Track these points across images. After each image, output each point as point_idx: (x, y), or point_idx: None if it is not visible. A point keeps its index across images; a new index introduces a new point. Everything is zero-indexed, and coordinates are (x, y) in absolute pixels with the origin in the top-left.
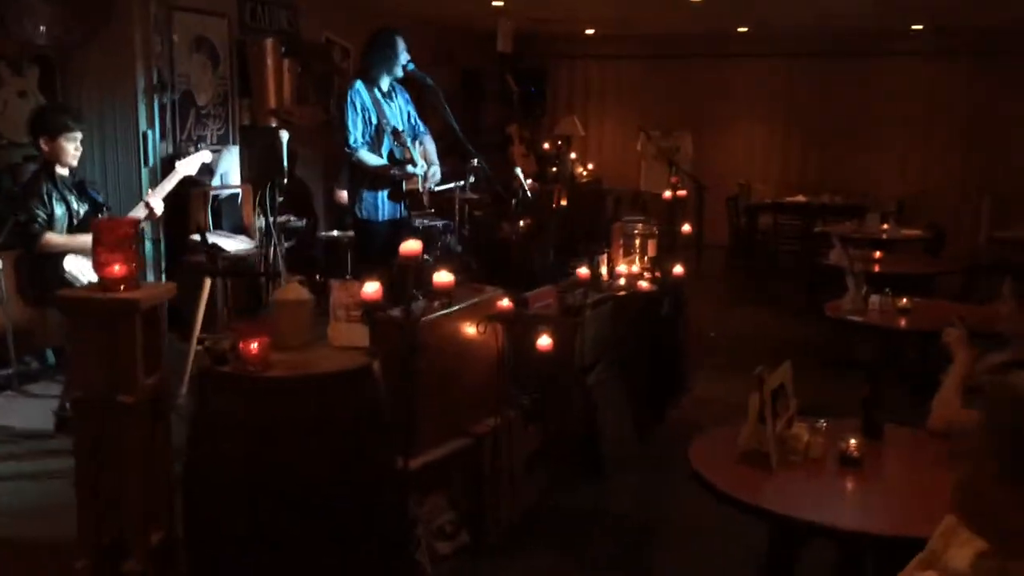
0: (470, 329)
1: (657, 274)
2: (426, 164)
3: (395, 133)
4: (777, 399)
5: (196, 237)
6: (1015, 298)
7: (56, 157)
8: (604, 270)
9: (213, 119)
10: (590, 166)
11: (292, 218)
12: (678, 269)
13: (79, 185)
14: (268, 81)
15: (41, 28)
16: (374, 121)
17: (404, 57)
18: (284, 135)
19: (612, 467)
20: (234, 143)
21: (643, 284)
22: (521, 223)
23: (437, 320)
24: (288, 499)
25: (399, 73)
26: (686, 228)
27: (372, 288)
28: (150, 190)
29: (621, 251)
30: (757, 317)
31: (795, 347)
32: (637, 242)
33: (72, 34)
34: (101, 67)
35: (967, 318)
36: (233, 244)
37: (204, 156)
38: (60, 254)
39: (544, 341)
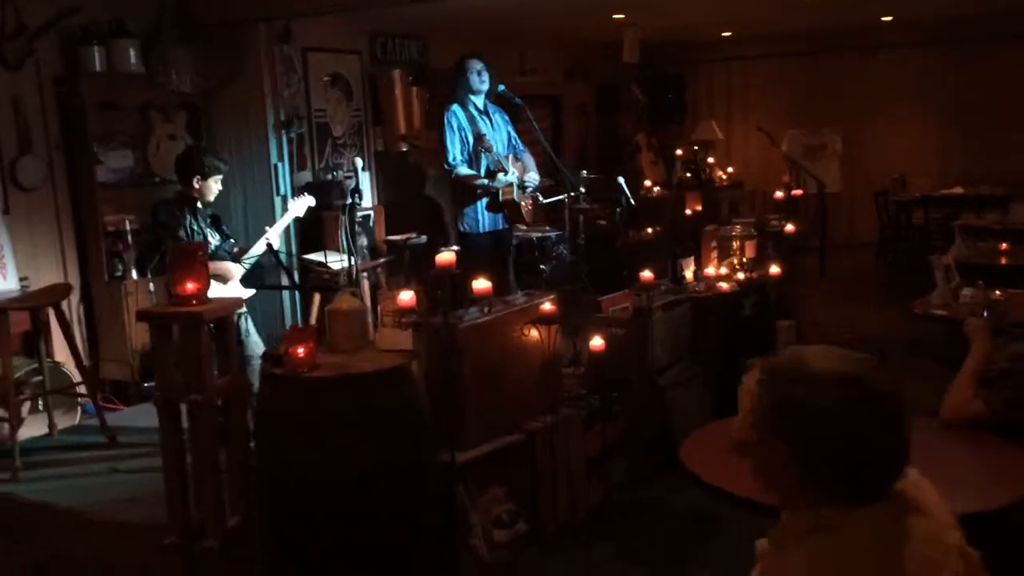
0: (516, 332)
1: (743, 275)
2: (520, 177)
3: (478, 138)
4: None
5: (310, 256)
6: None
7: (203, 195)
8: (689, 273)
9: (349, 148)
10: (730, 169)
11: (414, 235)
12: (774, 269)
13: (214, 218)
14: (397, 109)
15: (183, 76)
16: (471, 140)
17: (479, 79)
18: (358, 161)
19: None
20: (366, 169)
21: (723, 285)
22: (648, 230)
23: (479, 325)
24: (336, 486)
25: (481, 91)
26: (789, 228)
27: (407, 296)
28: (268, 228)
29: (715, 253)
30: (887, 316)
31: (914, 345)
32: (734, 244)
33: (210, 80)
34: (237, 108)
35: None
36: (340, 261)
37: (310, 201)
38: None
39: (596, 342)
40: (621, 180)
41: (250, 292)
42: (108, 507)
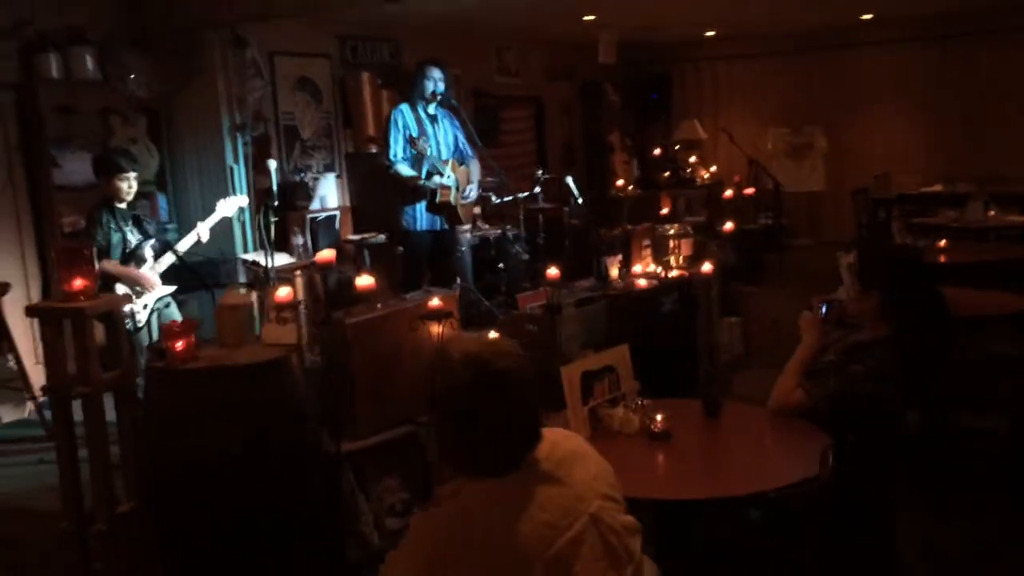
0: (408, 328)
1: (665, 274)
2: (462, 183)
3: (411, 140)
4: (597, 380)
5: (245, 256)
6: (853, 276)
7: (116, 195)
8: (615, 271)
9: (318, 150)
10: (713, 168)
11: (372, 235)
12: (706, 267)
13: (135, 218)
14: (366, 111)
15: (140, 81)
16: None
17: (434, 86)
18: (272, 163)
19: None
20: (335, 170)
21: (640, 283)
22: (618, 230)
23: (366, 321)
24: (215, 474)
25: (434, 100)
26: (728, 226)
27: (284, 292)
28: (199, 223)
29: (648, 252)
30: None
31: None
32: (671, 243)
33: (167, 85)
34: (194, 112)
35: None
36: (278, 260)
37: (242, 201)
38: (112, 281)
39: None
40: (569, 180)
41: (170, 288)
42: (27, 495)
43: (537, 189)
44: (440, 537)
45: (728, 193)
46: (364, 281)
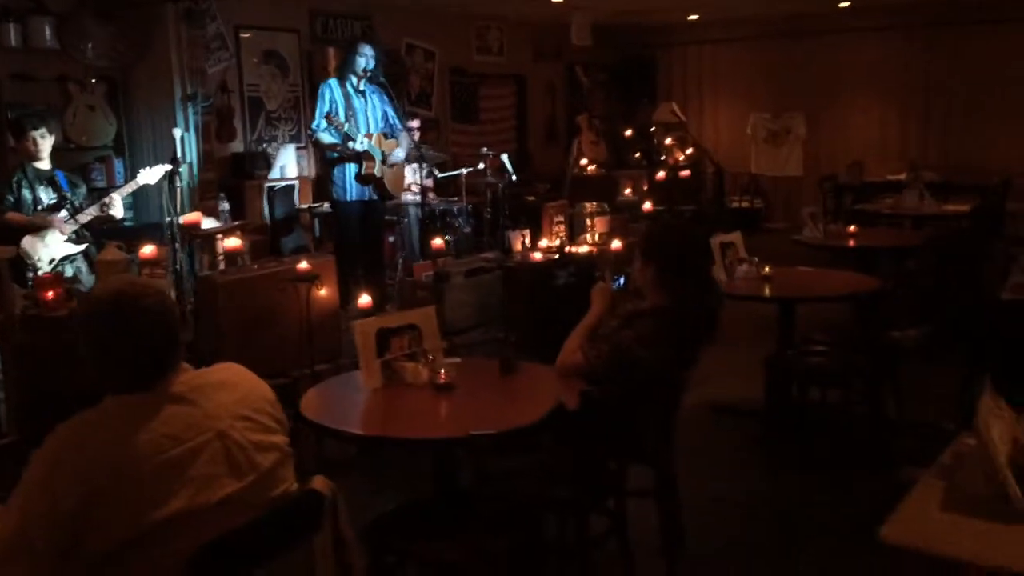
0: (277, 289)
1: (567, 249)
2: (388, 153)
3: (327, 117)
4: (396, 336)
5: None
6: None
7: (29, 154)
8: (519, 244)
9: (284, 121)
10: (689, 151)
11: (319, 204)
12: (616, 244)
13: (50, 179)
14: None
15: (98, 51)
16: (341, 112)
17: (364, 62)
18: (177, 132)
19: None
20: (301, 141)
21: (536, 256)
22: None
23: (236, 280)
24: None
25: (364, 75)
26: (647, 206)
27: (148, 249)
28: (112, 193)
29: (562, 227)
30: None
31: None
32: (587, 221)
33: (123, 55)
34: (149, 82)
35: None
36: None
37: (165, 167)
38: (19, 231)
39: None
40: (504, 157)
41: (78, 248)
42: None
43: (481, 165)
44: (69, 432)
45: (660, 175)
46: (232, 243)
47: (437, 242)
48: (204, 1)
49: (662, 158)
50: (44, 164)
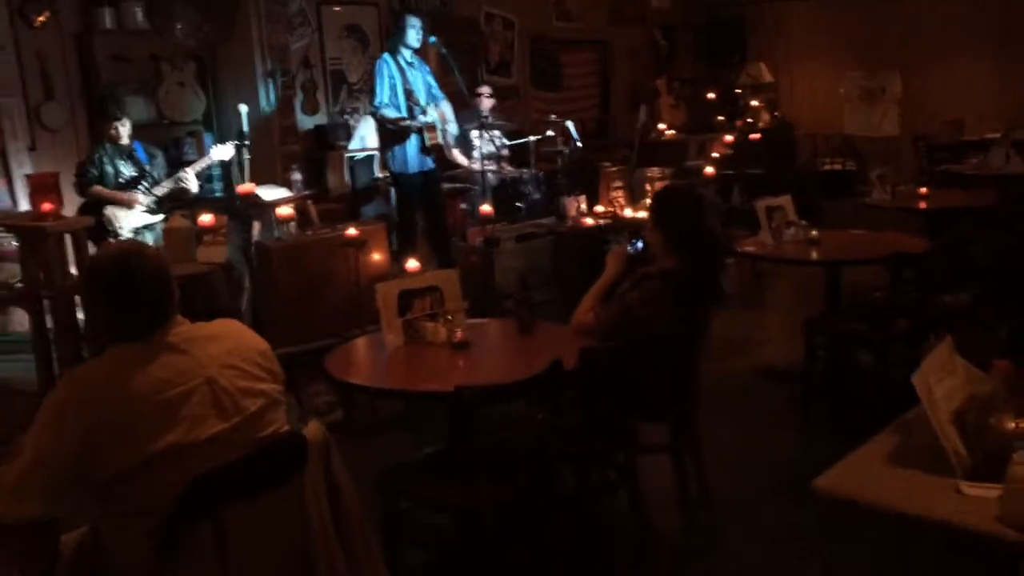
0: (331, 254)
1: (621, 214)
2: (442, 123)
3: (407, 92)
4: (418, 297)
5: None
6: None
7: (108, 136)
8: (574, 210)
9: (365, 93)
10: (776, 113)
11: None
12: None
13: (129, 153)
14: None
15: (186, 31)
16: (398, 87)
17: (416, 35)
18: (243, 108)
19: None
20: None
21: (587, 221)
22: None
23: (289, 246)
24: None
25: (414, 45)
26: (709, 170)
27: (207, 218)
28: (187, 168)
29: (620, 193)
30: None
31: None
32: (647, 186)
33: (208, 35)
34: (235, 59)
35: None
36: (271, 194)
37: (235, 143)
38: (104, 202)
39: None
40: (569, 124)
41: (158, 218)
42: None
43: (549, 132)
44: (77, 377)
45: (729, 138)
46: (284, 211)
47: (486, 208)
48: None
49: (748, 120)
50: (123, 140)
